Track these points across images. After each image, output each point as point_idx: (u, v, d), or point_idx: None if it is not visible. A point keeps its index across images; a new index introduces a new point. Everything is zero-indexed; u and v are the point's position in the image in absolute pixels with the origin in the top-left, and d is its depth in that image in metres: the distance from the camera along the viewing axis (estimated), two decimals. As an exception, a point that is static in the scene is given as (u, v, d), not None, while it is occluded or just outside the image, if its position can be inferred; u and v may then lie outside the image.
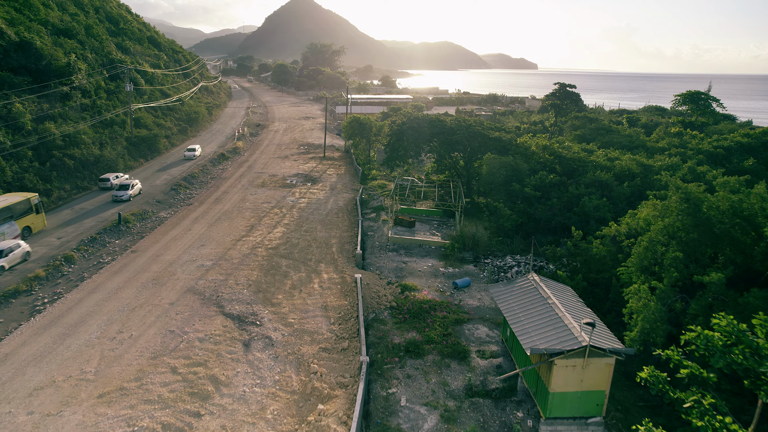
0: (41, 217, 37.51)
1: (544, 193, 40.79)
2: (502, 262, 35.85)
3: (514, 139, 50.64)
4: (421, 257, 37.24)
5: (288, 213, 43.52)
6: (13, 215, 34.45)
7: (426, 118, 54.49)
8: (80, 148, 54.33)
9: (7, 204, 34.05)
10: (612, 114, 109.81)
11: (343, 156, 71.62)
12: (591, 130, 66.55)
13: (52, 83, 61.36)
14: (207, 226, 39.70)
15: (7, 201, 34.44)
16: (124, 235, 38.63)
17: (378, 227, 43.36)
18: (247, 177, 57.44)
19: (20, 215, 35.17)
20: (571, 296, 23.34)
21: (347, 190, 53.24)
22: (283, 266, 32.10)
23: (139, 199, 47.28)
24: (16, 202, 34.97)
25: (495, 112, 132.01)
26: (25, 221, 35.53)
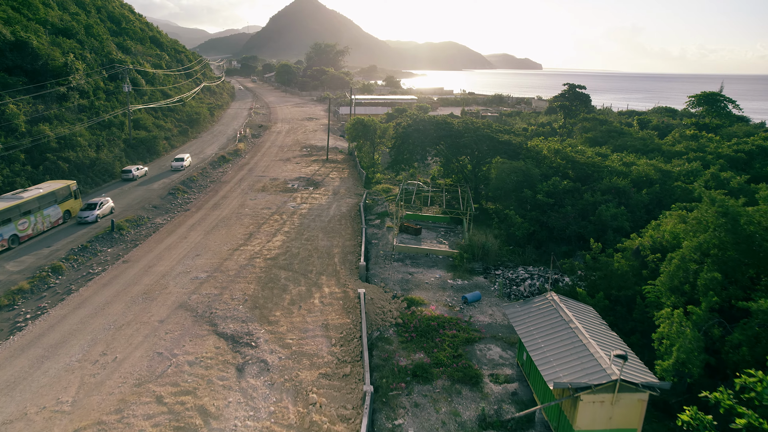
0: (78, 202, 42.24)
1: (558, 200, 38.79)
2: (514, 274, 33.87)
3: (524, 143, 48.65)
4: (428, 268, 35.33)
5: (288, 220, 41.70)
6: (56, 200, 39.07)
7: (432, 121, 52.55)
8: (75, 151, 52.71)
9: (52, 190, 38.60)
10: (621, 115, 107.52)
11: (347, 158, 69.79)
12: (602, 133, 64.48)
13: (48, 84, 59.84)
14: (203, 234, 37.92)
15: (51, 187, 38.97)
16: (116, 243, 36.90)
17: (382, 234, 41.48)
18: (247, 181, 55.67)
19: (62, 200, 39.84)
20: (594, 318, 21.38)
21: (350, 194, 51.38)
22: (282, 279, 30.26)
23: (135, 205, 45.56)
24: (59, 188, 39.60)
25: (501, 113, 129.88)
26: (65, 205, 40.23)
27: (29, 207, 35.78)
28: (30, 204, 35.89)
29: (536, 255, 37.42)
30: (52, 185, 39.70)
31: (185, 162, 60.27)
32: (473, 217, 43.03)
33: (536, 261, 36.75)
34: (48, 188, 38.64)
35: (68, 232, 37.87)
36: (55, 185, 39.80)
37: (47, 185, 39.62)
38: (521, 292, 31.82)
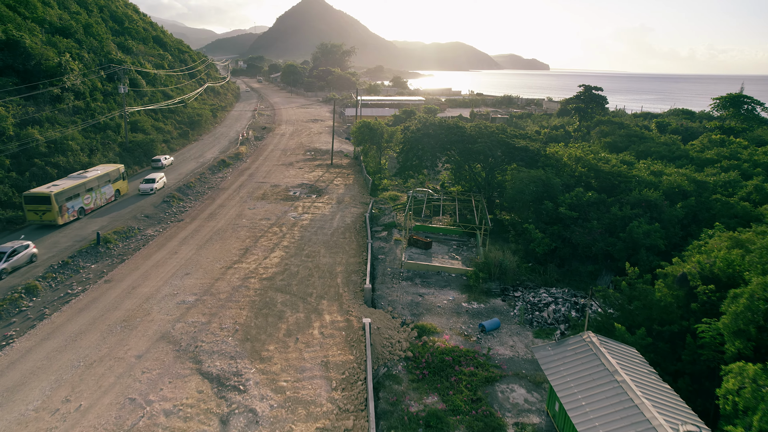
0: (126, 183, 49.54)
1: (582, 213, 35.47)
2: (536, 297, 30.59)
3: (542, 149, 45.31)
4: (440, 288, 32.15)
5: (288, 232, 38.64)
6: (110, 180, 46.31)
7: (443, 125, 49.33)
8: (66, 156, 49.98)
9: (107, 171, 46.12)
10: (636, 118, 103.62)
11: (352, 163, 66.71)
12: (622, 138, 61.00)
13: (41, 85, 57.25)
14: (196, 249, 34.94)
15: (106, 169, 46.39)
16: (102, 258, 34.01)
17: (390, 248, 38.34)
18: (246, 187, 52.71)
19: (114, 180, 47.15)
20: (641, 365, 18.12)
21: (356, 203, 48.28)
22: (278, 303, 27.18)
23: (126, 214, 42.69)
24: (112, 170, 46.99)
25: (511, 114, 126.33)
26: (116, 185, 47.53)
27: (91, 185, 43.15)
28: (92, 182, 43.22)
29: (558, 274, 34.14)
30: (106, 168, 47.07)
31: (156, 184, 49.81)
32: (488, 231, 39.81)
33: (559, 281, 33.47)
34: (104, 170, 45.94)
35: (52, 244, 35.02)
36: (109, 168, 47.25)
37: (102, 167, 46.96)
38: (544, 319, 28.58)
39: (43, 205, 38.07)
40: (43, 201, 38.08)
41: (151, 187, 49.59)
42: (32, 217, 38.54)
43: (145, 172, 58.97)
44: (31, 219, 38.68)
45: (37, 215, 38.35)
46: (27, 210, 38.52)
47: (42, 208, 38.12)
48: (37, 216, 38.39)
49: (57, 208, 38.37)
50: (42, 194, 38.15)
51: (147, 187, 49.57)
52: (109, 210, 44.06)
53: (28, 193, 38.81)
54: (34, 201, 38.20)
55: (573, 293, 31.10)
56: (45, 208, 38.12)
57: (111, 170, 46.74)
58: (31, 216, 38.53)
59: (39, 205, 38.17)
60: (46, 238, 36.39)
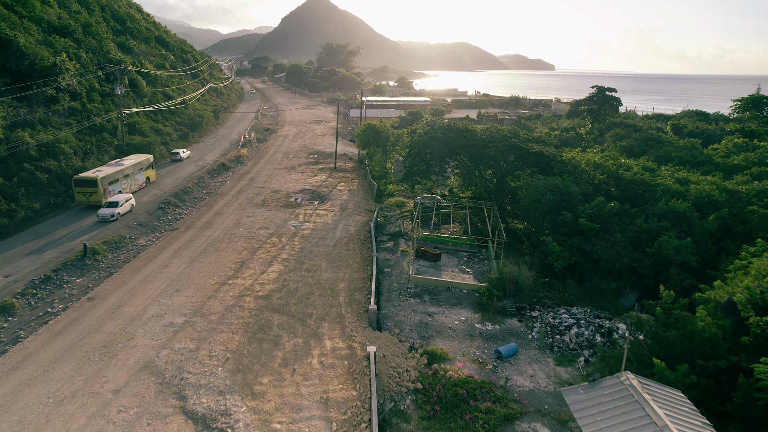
0: (154, 172, 54.03)
1: (603, 225, 32.91)
2: (556, 319, 28.05)
3: (558, 155, 42.72)
4: (451, 306, 29.69)
5: (288, 243, 36.26)
6: (142, 168, 51.14)
7: (452, 128, 46.85)
8: (58, 159, 47.85)
9: (139, 160, 50.96)
10: (648, 119, 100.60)
11: (356, 167, 64.32)
12: (638, 141, 58.32)
13: (34, 85, 55.22)
14: (188, 262, 32.61)
15: (139, 159, 51.29)
16: (88, 271, 31.77)
17: (396, 261, 35.92)
18: (246, 193, 50.40)
19: (145, 168, 51.92)
20: (692, 414, 15.59)
21: (360, 210, 45.86)
22: (274, 326, 24.80)
23: (118, 221, 40.44)
24: (144, 159, 51.92)
25: (520, 116, 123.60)
26: (146, 173, 52.12)
27: (127, 172, 48.08)
28: (128, 170, 48.21)
29: (579, 291, 31.59)
30: (139, 157, 51.99)
31: (120, 208, 41.51)
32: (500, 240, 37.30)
33: (579, 299, 30.92)
34: (137, 159, 50.82)
35: (37, 255, 32.82)
36: (141, 157, 52.14)
37: (135, 157, 51.81)
38: (566, 344, 26.05)
39: (90, 188, 43.46)
40: (90, 184, 43.46)
41: (113, 213, 40.39)
42: (80, 198, 43.82)
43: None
44: (79, 200, 43.90)
45: (85, 197, 43.66)
46: (76, 192, 43.90)
47: (89, 190, 43.53)
48: (85, 197, 43.69)
49: (102, 191, 43.68)
50: (89, 178, 43.52)
51: (107, 213, 40.32)
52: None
53: (77, 177, 44.16)
54: (82, 184, 43.58)
55: (596, 314, 28.54)
56: (92, 191, 43.51)
57: (143, 159, 51.78)
58: (80, 197, 43.81)
59: (87, 188, 43.54)
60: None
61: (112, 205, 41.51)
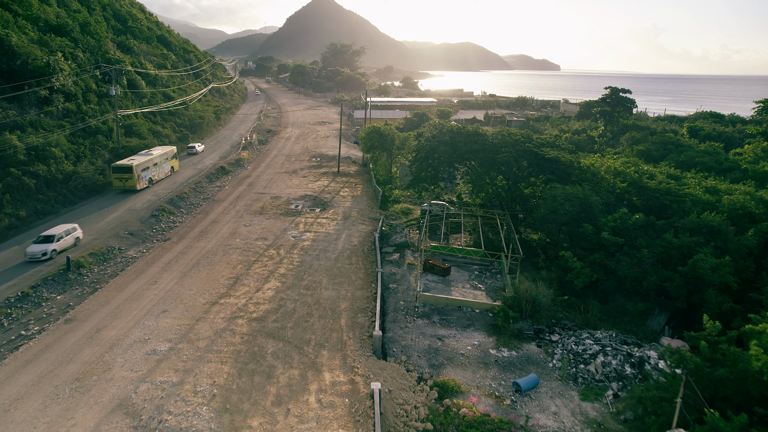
0: (177, 162, 58.94)
1: (628, 239, 30.30)
2: (578, 344, 25.48)
3: (575, 161, 40.09)
4: (463, 328, 27.19)
5: (287, 256, 33.82)
6: (168, 158, 55.98)
7: (462, 132, 44.34)
8: (48, 164, 45.67)
9: (165, 151, 55.81)
10: (660, 121, 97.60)
11: (360, 171, 61.86)
12: (657, 145, 55.58)
13: (25, 86, 53.11)
14: (179, 277, 30.25)
15: (165, 150, 56.09)
16: (71, 286, 29.48)
17: (402, 275, 33.44)
18: (244, 199, 48.03)
19: (171, 158, 56.88)
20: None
21: (364, 218, 43.40)
22: (268, 355, 22.36)
23: (108, 230, 38.16)
24: (168, 151, 56.78)
25: (528, 117, 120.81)
26: (171, 163, 56.90)
27: (156, 160, 53.17)
28: (156, 159, 53.24)
29: (601, 312, 28.99)
30: (164, 148, 56.82)
31: (56, 244, 32.88)
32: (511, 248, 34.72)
33: (603, 321, 28.32)
34: (163, 150, 55.84)
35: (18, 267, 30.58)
36: (167, 148, 57.11)
37: (161, 148, 56.48)
38: (591, 374, 23.49)
39: (126, 174, 48.47)
40: (126, 171, 48.54)
41: (44, 250, 31.98)
42: (117, 183, 49.14)
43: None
44: (117, 185, 49.24)
45: (121, 182, 48.92)
46: (114, 178, 49.14)
47: (125, 176, 48.56)
48: (121, 183, 48.92)
49: (136, 177, 48.79)
50: (125, 165, 48.69)
51: (37, 251, 31.93)
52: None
53: (115, 164, 49.35)
54: (119, 171, 48.76)
55: (623, 339, 25.94)
56: (127, 177, 48.56)
57: (167, 150, 56.89)
58: (117, 183, 49.14)
59: (123, 174, 48.57)
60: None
61: (47, 240, 32.77)
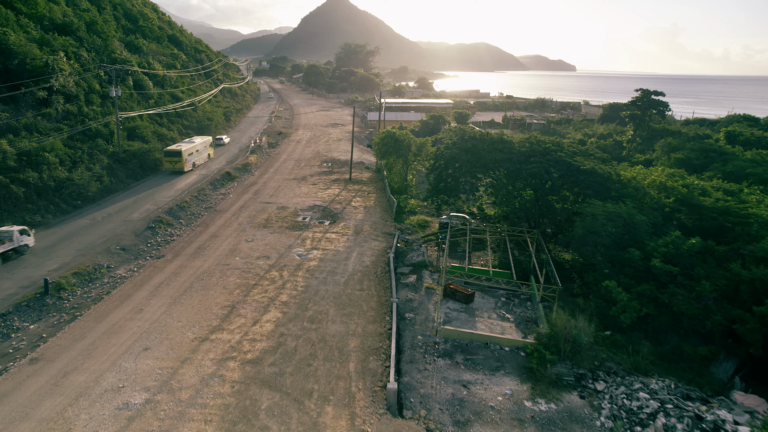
0: (213, 150, 67.17)
1: (683, 267, 26.11)
2: (630, 399, 21.40)
3: (614, 172, 35.86)
4: (491, 372, 23.32)
5: (290, 280, 30.21)
6: (206, 146, 63.68)
7: (485, 139, 40.40)
8: (40, 170, 42.70)
9: (204, 140, 63.57)
10: (688, 125, 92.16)
11: (374, 178, 58.15)
12: (697, 153, 50.97)
13: (21, 86, 50.40)
14: (168, 305, 26.81)
15: (203, 139, 63.77)
16: (48, 313, 26.24)
17: (420, 302, 29.64)
18: (248, 210, 44.62)
19: (208, 147, 64.70)
20: None
21: (377, 233, 39.66)
22: (261, 411, 18.71)
23: (99, 244, 34.94)
24: (207, 140, 64.83)
25: (549, 120, 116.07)
26: (208, 151, 64.76)
27: (198, 148, 60.71)
28: (198, 146, 60.84)
29: (654, 354, 24.85)
30: (203, 138, 64.79)
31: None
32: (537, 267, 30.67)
33: (655, 365, 24.20)
34: (202, 139, 63.46)
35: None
36: (205, 138, 65.25)
37: (200, 138, 64.12)
38: (652, 439, 19.43)
39: (176, 157, 56.40)
40: (176, 155, 56.54)
41: None
42: (168, 166, 56.69)
43: (137, 184, 51.50)
44: (167, 167, 56.73)
45: (171, 164, 56.47)
46: (165, 161, 56.78)
47: (175, 159, 56.44)
48: (171, 165, 56.53)
49: (184, 160, 56.64)
50: (176, 150, 56.80)
51: None
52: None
53: (166, 149, 57.54)
54: (170, 155, 56.66)
55: (685, 391, 21.82)
56: (177, 160, 56.42)
57: (206, 140, 64.82)
58: (167, 165, 56.65)
59: (173, 158, 56.48)
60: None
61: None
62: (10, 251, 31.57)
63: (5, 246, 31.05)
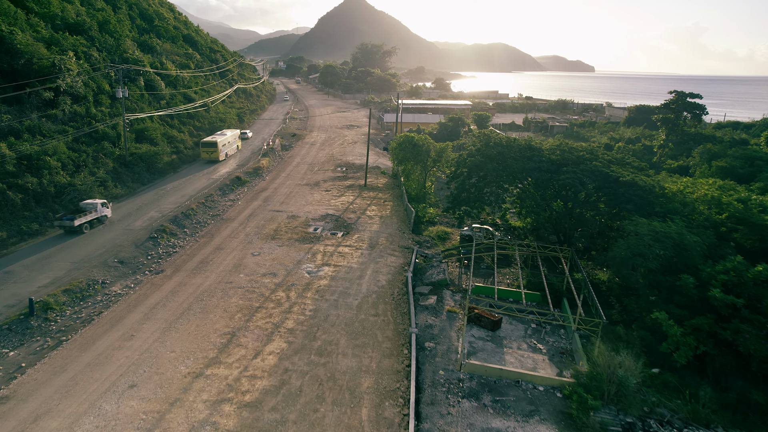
0: (241, 142, 73.67)
1: (748, 299, 22.66)
2: (695, 459, 18.10)
3: (658, 185, 32.34)
4: (524, 417, 20.24)
5: (297, 302, 27.42)
6: (236, 138, 71.01)
7: (513, 146, 37.19)
8: (40, 175, 40.70)
9: (235, 133, 70.82)
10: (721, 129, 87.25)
11: (390, 184, 55.21)
12: (741, 161, 46.97)
13: (26, 87, 48.62)
14: (162, 330, 24.23)
15: (234, 132, 71.23)
16: (32, 337, 23.87)
17: (441, 329, 26.63)
18: (257, 218, 42.05)
19: (237, 139, 71.80)
20: None
21: (393, 247, 36.72)
22: (257, 473, 15.88)
23: (95, 257, 32.64)
24: (237, 133, 72.54)
25: (572, 122, 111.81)
26: (237, 142, 71.45)
27: (229, 140, 66.93)
28: (230, 138, 67.16)
29: (715, 401, 21.43)
30: (233, 131, 71.42)
31: None
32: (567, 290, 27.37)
33: (717, 413, 20.83)
34: (233, 132, 69.95)
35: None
36: (235, 131, 72.23)
37: (231, 131, 70.39)
38: None
39: (212, 148, 62.82)
40: (212, 146, 62.95)
41: None
42: (204, 155, 63.18)
43: (144, 189, 49.36)
44: (204, 157, 63.26)
45: (208, 154, 63.04)
46: (202, 151, 63.37)
47: (211, 149, 62.87)
48: (208, 155, 62.96)
49: (219, 150, 63.08)
50: (212, 141, 63.17)
51: None
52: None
53: (203, 140, 64.15)
54: (207, 146, 63.17)
55: (757, 452, 18.43)
56: (212, 150, 62.84)
57: (236, 132, 72.24)
58: (204, 155, 63.17)
59: (209, 148, 62.96)
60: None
61: None
62: (94, 220, 38.45)
63: (91, 215, 38.02)
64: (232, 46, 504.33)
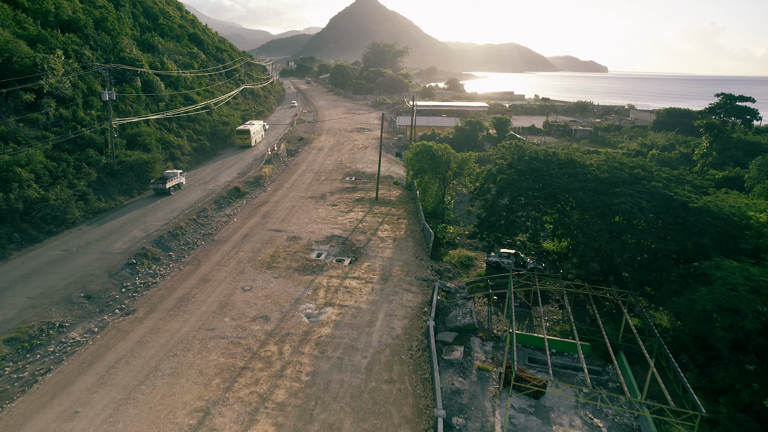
0: (264, 131, 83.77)
1: None
2: None
3: (738, 212, 26.35)
4: None
5: (292, 360, 21.98)
6: (263, 127, 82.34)
7: (553, 160, 31.49)
8: (8, 189, 35.79)
9: (261, 123, 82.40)
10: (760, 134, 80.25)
11: (404, 197, 49.67)
12: (811, 176, 40.70)
13: (4, 88, 43.90)
14: (117, 402, 18.96)
15: (260, 122, 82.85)
16: (-45, 408, 18.65)
17: (471, 395, 21.10)
18: (252, 240, 36.76)
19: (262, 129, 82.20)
20: None
21: (410, 278, 31.17)
22: None
23: (60, 289, 27.54)
24: (263, 123, 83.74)
25: (595, 126, 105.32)
26: (261, 132, 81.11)
27: (257, 129, 77.87)
28: (257, 127, 78.20)
29: None
30: (259, 121, 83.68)
31: None
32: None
33: None
34: (259, 123, 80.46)
35: None
36: (261, 121, 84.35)
37: (257, 122, 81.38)
38: None
39: (245, 135, 72.97)
40: (245, 133, 73.11)
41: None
42: (238, 141, 73.04)
43: (140, 200, 44.35)
44: (237, 143, 73.01)
45: (242, 140, 72.76)
46: (236, 138, 73.25)
47: (245, 136, 72.95)
48: (241, 141, 72.83)
49: (251, 137, 73.39)
50: (245, 129, 73.30)
51: None
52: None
53: (238, 128, 73.89)
54: (241, 133, 73.14)
55: None
56: (246, 137, 72.99)
57: (261, 123, 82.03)
58: (238, 141, 73.05)
59: (243, 135, 72.92)
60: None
61: None
62: (175, 185, 48.38)
63: (174, 181, 48.10)
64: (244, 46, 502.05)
